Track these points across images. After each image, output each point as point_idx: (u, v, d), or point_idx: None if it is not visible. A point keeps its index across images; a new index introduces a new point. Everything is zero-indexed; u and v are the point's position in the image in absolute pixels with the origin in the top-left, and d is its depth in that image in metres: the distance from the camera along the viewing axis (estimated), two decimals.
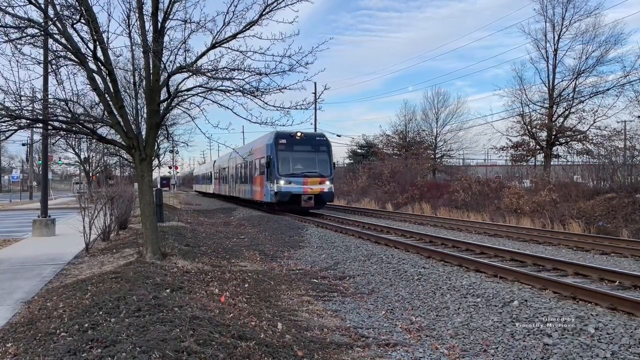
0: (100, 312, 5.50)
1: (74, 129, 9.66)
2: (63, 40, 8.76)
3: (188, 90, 9.65)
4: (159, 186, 45.91)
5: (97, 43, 8.69)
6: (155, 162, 28.36)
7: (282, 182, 22.92)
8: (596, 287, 7.25)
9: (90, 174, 37.03)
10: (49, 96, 10.22)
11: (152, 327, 4.87)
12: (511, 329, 5.89)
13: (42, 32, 8.72)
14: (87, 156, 36.54)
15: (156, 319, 5.12)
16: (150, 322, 5.03)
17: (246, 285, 8.36)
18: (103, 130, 13.74)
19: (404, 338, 6.04)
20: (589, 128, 28.29)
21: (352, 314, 7.19)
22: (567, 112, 29.06)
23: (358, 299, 8.05)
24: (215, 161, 49.88)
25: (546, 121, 29.37)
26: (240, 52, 8.92)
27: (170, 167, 53.87)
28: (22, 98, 9.37)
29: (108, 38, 8.98)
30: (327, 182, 23.53)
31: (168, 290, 6.65)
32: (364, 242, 13.27)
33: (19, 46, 8.86)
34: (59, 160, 45.05)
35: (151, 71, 9.16)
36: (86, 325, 5.06)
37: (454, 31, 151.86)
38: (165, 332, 4.71)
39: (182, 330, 4.83)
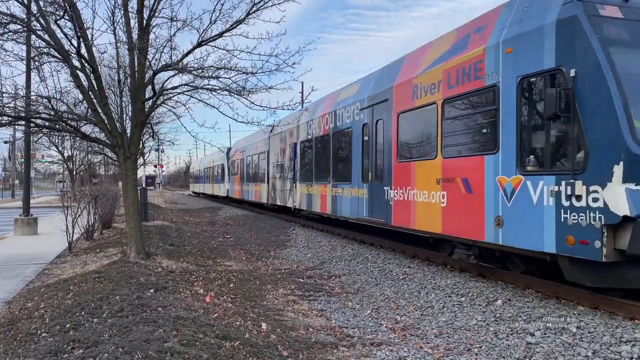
0: (83, 313, 5.43)
1: (57, 126, 9.53)
2: (46, 37, 8.64)
3: (174, 88, 9.59)
4: (144, 185, 45.50)
5: (81, 40, 8.59)
6: (141, 160, 28.10)
7: None
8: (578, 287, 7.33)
9: (74, 172, 36.57)
10: (32, 93, 10.08)
11: (135, 327, 4.83)
12: (495, 328, 5.94)
13: (25, 28, 8.60)
14: (70, 154, 36.08)
15: (139, 319, 5.07)
16: (133, 322, 4.98)
17: (231, 284, 8.32)
18: (87, 128, 13.60)
19: (389, 337, 6.05)
20: None
21: (337, 313, 7.20)
22: None
23: (344, 299, 8.05)
24: (229, 149, 33.92)
25: None
26: (227, 51, 8.89)
27: (155, 166, 53.47)
28: (4, 95, 9.24)
29: (92, 35, 8.89)
30: None
31: (152, 290, 6.60)
32: (350, 242, 13.29)
33: (0, 42, 8.73)
34: (42, 158, 44.41)
35: (136, 69, 9.08)
36: (68, 325, 5.00)
37: (443, 30, 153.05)
38: (148, 333, 4.66)
39: (165, 331, 4.79)
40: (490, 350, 5.38)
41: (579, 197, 5.77)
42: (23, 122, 9.79)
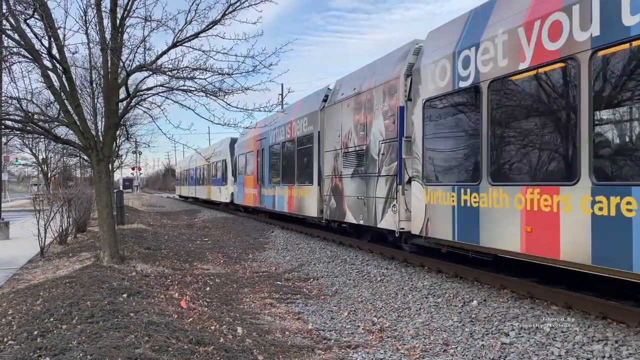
0: (51, 319, 5.29)
1: (27, 128, 9.31)
2: (16, 36, 8.43)
3: (148, 89, 9.46)
4: (121, 188, 44.86)
5: (52, 40, 8.41)
6: (117, 163, 27.66)
7: None
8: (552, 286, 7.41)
9: (49, 175, 35.86)
10: (2, 94, 9.83)
11: (105, 333, 4.71)
12: (470, 329, 5.97)
13: None
14: (45, 157, 35.38)
15: (110, 325, 4.95)
16: (104, 328, 4.86)
17: (208, 288, 8.22)
18: (62, 130, 13.34)
19: (365, 339, 6.03)
20: None
21: (314, 315, 7.15)
22: None
23: (321, 301, 8.01)
24: (234, 140, 25.14)
25: None
26: (203, 51, 8.80)
27: (133, 169, 52.77)
28: None
29: (64, 35, 8.71)
30: None
31: (125, 295, 6.46)
32: (329, 244, 13.26)
33: None
34: (16, 160, 43.43)
35: (109, 69, 8.92)
36: (35, 332, 4.86)
37: (423, 33, 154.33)
38: (119, 339, 4.55)
39: (137, 337, 4.68)
40: (466, 350, 5.39)
41: None
42: None
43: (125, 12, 8.72)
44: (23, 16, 8.28)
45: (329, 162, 12.58)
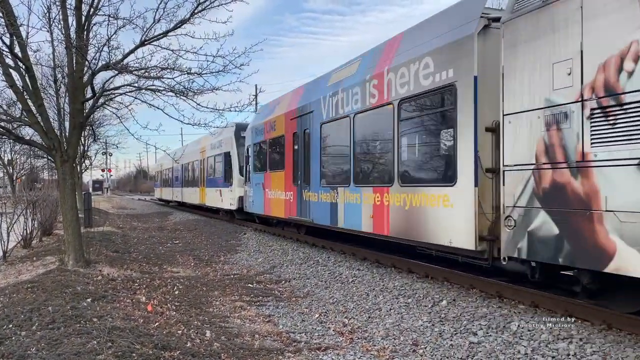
0: (10, 325, 5.10)
1: None
2: None
3: (115, 89, 9.25)
4: (90, 190, 43.88)
5: (14, 37, 8.15)
6: (86, 164, 27.05)
7: None
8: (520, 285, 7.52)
9: (15, 177, 34.85)
10: None
11: (67, 339, 4.56)
12: (439, 329, 6.00)
13: None
14: (10, 158, 34.38)
15: (72, 331, 4.80)
16: (65, 334, 4.71)
17: (176, 292, 8.07)
18: (29, 131, 12.94)
19: (336, 341, 6.00)
20: None
21: (285, 318, 7.09)
22: None
23: (293, 303, 7.96)
24: (239, 126, 19.32)
25: None
26: (172, 50, 8.65)
27: (103, 170, 51.72)
28: None
29: (27, 32, 8.46)
30: None
31: (89, 300, 6.28)
32: (302, 245, 13.21)
33: None
34: None
35: (75, 68, 8.69)
36: None
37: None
38: (80, 345, 4.41)
39: (99, 342, 4.54)
40: (435, 350, 5.41)
41: None
42: None
43: (91, 10, 8.52)
44: None
45: (523, 134, 6.01)
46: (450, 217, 7.14)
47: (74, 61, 8.58)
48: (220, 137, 20.79)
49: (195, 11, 8.42)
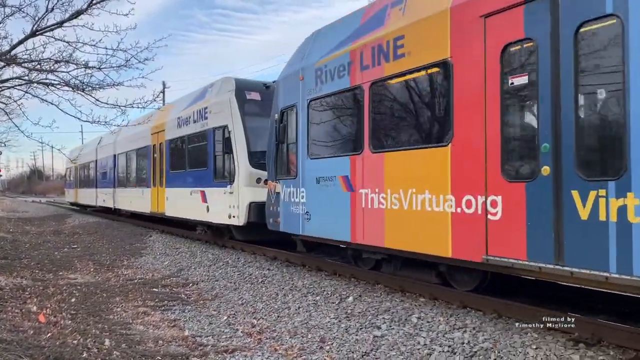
0: None
1: None
2: None
3: (3, 82, 8.49)
4: None
5: None
6: None
7: None
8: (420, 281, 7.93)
9: None
10: None
11: None
12: (346, 324, 6.15)
13: None
14: None
15: None
16: None
17: (73, 299, 7.57)
18: None
19: (244, 342, 5.95)
20: None
21: (192, 322, 6.91)
22: None
23: (200, 306, 7.77)
24: (244, 85, 11.93)
25: None
26: (67, 42, 8.09)
27: None
28: None
29: None
30: None
31: None
32: (211, 247, 12.94)
33: None
34: None
35: None
36: None
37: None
38: None
39: None
40: (341, 346, 5.54)
41: None
42: None
43: None
44: None
45: None
46: None
47: None
48: (202, 102, 13.39)
49: (93, 2, 7.95)
